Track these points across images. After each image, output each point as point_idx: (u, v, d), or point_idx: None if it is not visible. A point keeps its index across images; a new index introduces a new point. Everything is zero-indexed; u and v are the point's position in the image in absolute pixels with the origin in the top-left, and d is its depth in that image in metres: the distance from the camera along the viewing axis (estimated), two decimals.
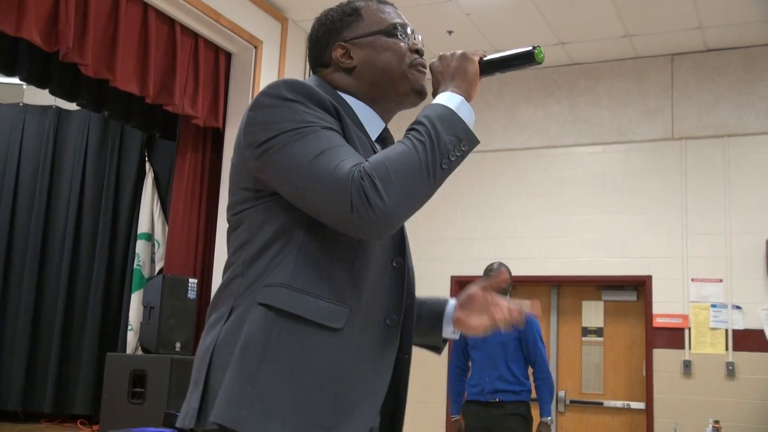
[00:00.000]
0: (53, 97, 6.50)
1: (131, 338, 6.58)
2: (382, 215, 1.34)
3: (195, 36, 6.09)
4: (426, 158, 1.39)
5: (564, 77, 7.52)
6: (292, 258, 1.45)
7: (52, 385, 7.05)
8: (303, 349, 1.41)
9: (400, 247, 1.57)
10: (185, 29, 5.96)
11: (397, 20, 1.69)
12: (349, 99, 1.62)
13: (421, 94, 1.66)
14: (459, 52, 1.60)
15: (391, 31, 1.66)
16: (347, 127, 1.51)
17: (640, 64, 7.26)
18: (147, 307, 6.01)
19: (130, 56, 5.51)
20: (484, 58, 1.61)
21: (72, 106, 7.02)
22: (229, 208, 1.55)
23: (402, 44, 1.66)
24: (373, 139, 1.61)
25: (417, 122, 1.45)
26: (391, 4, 1.73)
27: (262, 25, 6.43)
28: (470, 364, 5.25)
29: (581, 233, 7.17)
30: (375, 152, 1.54)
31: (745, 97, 6.86)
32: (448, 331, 1.73)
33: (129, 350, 6.53)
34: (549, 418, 4.98)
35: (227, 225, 1.59)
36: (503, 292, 5.18)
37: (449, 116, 1.45)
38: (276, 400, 1.37)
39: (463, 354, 5.28)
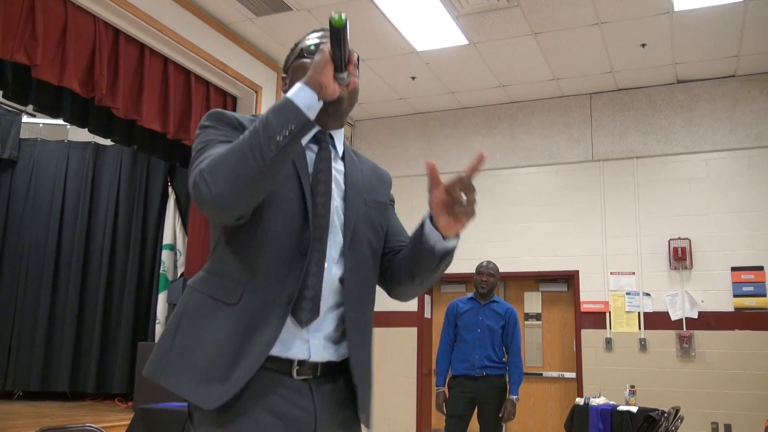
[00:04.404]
0: (91, 135, 6.46)
1: (159, 330, 6.52)
2: (209, 200, 1.32)
3: (207, 83, 6.05)
4: (251, 145, 1.31)
5: (505, 113, 7.56)
6: (219, 250, 1.49)
7: (95, 369, 6.98)
8: (207, 319, 1.41)
9: (307, 237, 1.46)
10: (198, 78, 5.93)
11: (306, 43, 1.59)
12: None
13: (334, 103, 1.48)
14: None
15: (301, 53, 1.59)
16: None
17: (565, 101, 7.31)
18: (171, 305, 5.97)
19: (153, 100, 5.46)
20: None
21: (107, 142, 6.97)
22: None
23: (308, 63, 1.53)
24: (305, 142, 1.53)
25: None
26: (319, 29, 1.61)
27: (261, 74, 6.42)
28: (456, 343, 5.08)
29: (522, 238, 7.19)
30: (301, 154, 1.51)
31: (648, 127, 6.93)
32: (441, 242, 1.50)
33: (157, 339, 6.46)
34: (515, 397, 4.85)
35: None
36: (491, 286, 5.13)
37: (282, 103, 1.35)
38: (187, 359, 1.39)
39: (453, 332, 5.11)
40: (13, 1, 4.30)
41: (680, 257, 6.46)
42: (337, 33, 1.38)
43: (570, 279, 7.04)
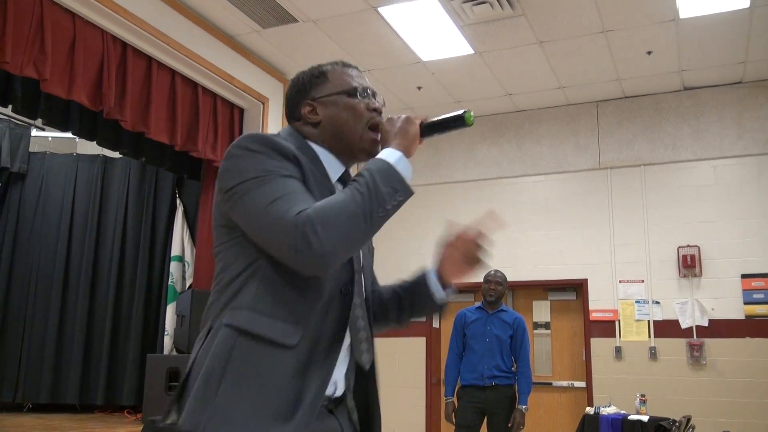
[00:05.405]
0: (100, 148, 6.48)
1: (167, 341, 6.52)
2: (319, 256, 1.27)
3: (214, 95, 6.08)
4: (364, 206, 1.31)
5: (511, 121, 7.56)
6: (255, 285, 1.38)
7: (104, 381, 6.96)
8: (261, 364, 1.33)
9: (349, 277, 1.47)
10: (206, 90, 5.96)
11: (358, 82, 1.59)
12: (315, 147, 1.55)
13: (371, 154, 1.53)
14: (404, 115, 1.50)
15: (352, 92, 1.56)
16: (306, 172, 1.44)
17: (572, 109, 7.31)
18: (179, 316, 5.96)
19: (161, 113, 5.49)
20: (425, 122, 1.50)
21: (115, 155, 7.00)
22: (213, 241, 1.50)
23: (360, 105, 1.56)
24: (333, 180, 1.54)
25: (359, 174, 1.37)
26: (355, 68, 1.63)
27: (267, 86, 6.45)
28: (464, 353, 5.09)
29: (530, 246, 7.16)
30: (332, 192, 1.46)
31: (655, 134, 6.92)
32: (442, 294, 1.67)
33: (166, 351, 6.46)
34: (525, 407, 4.84)
35: None
36: (499, 295, 5.12)
37: (387, 169, 1.37)
38: (234, 408, 1.30)
39: (462, 342, 5.11)
40: (23, 16, 4.35)
41: (689, 265, 6.43)
42: (457, 125, 1.50)
43: (579, 287, 7.01)
